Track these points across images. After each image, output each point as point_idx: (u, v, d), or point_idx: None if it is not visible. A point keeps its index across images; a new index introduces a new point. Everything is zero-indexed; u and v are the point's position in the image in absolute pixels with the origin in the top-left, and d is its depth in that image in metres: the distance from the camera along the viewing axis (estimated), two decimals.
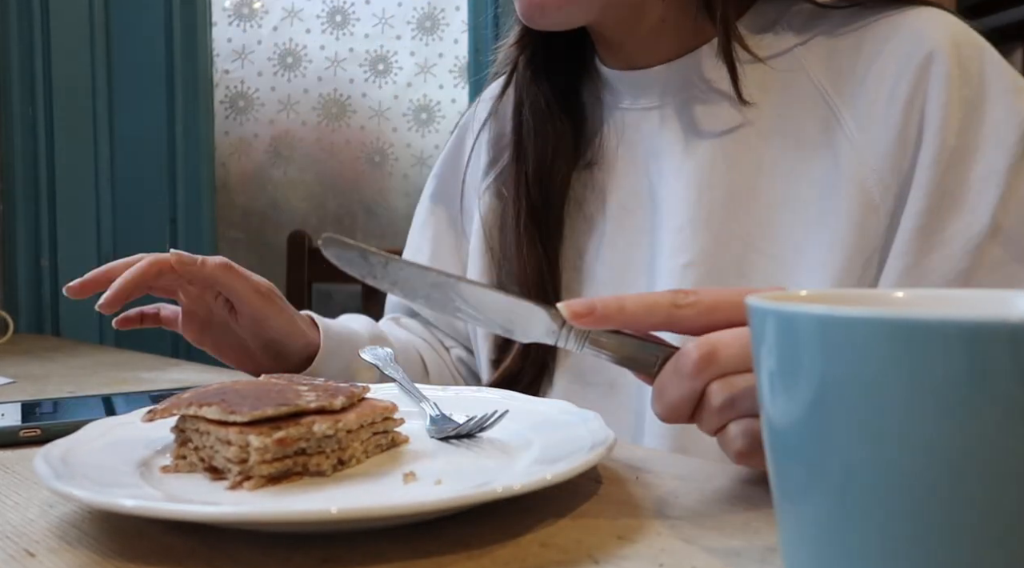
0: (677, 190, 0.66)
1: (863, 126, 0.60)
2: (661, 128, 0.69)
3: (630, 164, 0.70)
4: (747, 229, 0.63)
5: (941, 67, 0.58)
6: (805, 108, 0.63)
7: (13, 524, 0.38)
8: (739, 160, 0.64)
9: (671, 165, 0.67)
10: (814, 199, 0.61)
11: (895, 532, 0.23)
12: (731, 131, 0.65)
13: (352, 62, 1.81)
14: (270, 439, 0.38)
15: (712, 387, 0.38)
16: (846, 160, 0.60)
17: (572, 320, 0.40)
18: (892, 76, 0.59)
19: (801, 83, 0.63)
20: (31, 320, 1.57)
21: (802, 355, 0.25)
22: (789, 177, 0.62)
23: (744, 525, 0.36)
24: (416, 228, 0.87)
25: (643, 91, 0.70)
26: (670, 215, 0.66)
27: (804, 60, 0.64)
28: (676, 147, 0.67)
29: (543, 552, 0.33)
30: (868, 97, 0.60)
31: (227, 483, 0.39)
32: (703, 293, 0.40)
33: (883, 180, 0.58)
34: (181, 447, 0.42)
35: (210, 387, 0.44)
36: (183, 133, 1.67)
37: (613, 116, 0.72)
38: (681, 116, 0.68)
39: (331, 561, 0.33)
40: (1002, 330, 0.22)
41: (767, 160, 0.63)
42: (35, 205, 1.56)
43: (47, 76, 1.55)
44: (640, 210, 0.69)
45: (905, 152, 0.58)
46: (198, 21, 1.68)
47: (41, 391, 0.76)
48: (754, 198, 0.63)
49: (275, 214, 1.77)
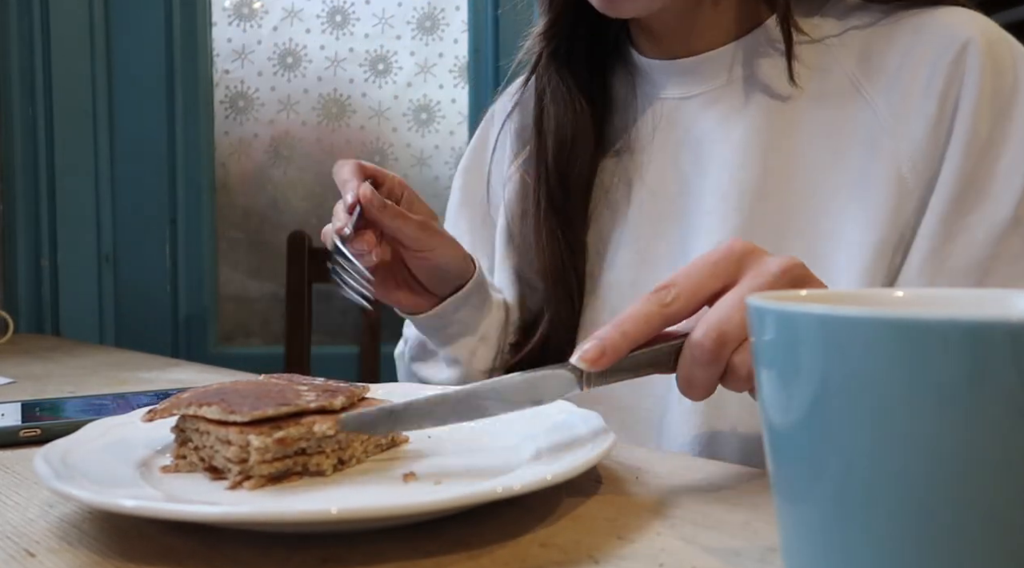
0: (713, 174, 0.67)
1: (898, 116, 0.61)
2: (699, 115, 0.70)
3: (662, 151, 0.71)
4: (780, 214, 0.64)
5: (975, 59, 0.59)
6: (839, 96, 0.64)
7: (13, 524, 0.38)
8: (774, 145, 0.65)
9: (708, 151, 0.68)
10: (847, 184, 0.62)
11: (895, 532, 0.23)
12: (770, 119, 0.66)
13: (352, 62, 1.81)
14: (270, 439, 0.38)
15: (735, 360, 0.41)
16: (881, 147, 0.61)
17: (590, 367, 0.41)
18: (927, 67, 0.61)
19: (834, 73, 0.65)
20: (31, 320, 1.57)
21: (802, 355, 0.25)
22: (823, 162, 0.64)
23: (744, 525, 0.36)
24: (449, 222, 0.87)
25: (684, 79, 0.71)
26: (704, 198, 0.67)
27: (837, 52, 0.65)
28: (713, 134, 0.68)
29: (543, 552, 0.33)
30: (903, 88, 0.62)
31: (227, 483, 0.39)
32: (679, 282, 0.42)
33: (916, 166, 0.60)
34: (181, 447, 0.42)
35: (210, 387, 0.44)
36: (183, 133, 1.67)
37: (651, 105, 0.73)
38: (720, 103, 0.69)
39: (331, 561, 0.33)
40: (1002, 330, 0.22)
41: (802, 145, 0.65)
42: (35, 205, 1.57)
43: (47, 76, 1.56)
44: (668, 196, 0.70)
45: (939, 140, 0.60)
46: (198, 21, 1.68)
47: (41, 391, 0.76)
48: (789, 183, 0.64)
49: (275, 214, 1.77)
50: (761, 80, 0.67)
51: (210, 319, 1.71)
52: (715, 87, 0.70)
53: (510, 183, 0.79)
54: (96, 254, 1.62)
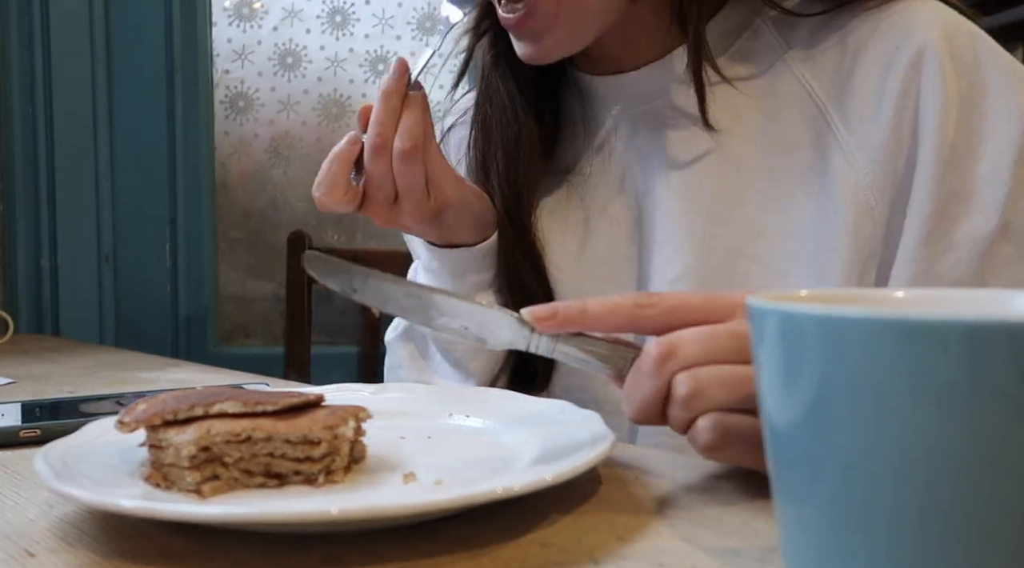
0: (662, 203, 0.64)
1: (852, 126, 0.58)
2: (642, 132, 0.66)
3: (611, 174, 0.68)
4: (735, 237, 0.61)
5: (933, 60, 0.55)
6: (793, 110, 0.61)
7: (13, 524, 0.38)
8: (723, 166, 0.62)
9: (654, 174, 0.65)
10: (806, 204, 0.59)
11: (895, 532, 0.23)
12: (716, 137, 0.62)
13: (352, 62, 1.81)
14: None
15: (676, 380, 0.38)
16: (837, 162, 0.58)
17: (536, 324, 0.41)
18: (880, 71, 0.57)
19: (789, 83, 0.61)
20: (31, 320, 1.57)
21: (802, 355, 0.25)
22: (778, 182, 0.60)
23: (744, 525, 0.36)
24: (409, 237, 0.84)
25: (625, 96, 0.68)
26: (656, 229, 0.64)
27: (789, 59, 0.61)
28: (659, 156, 0.65)
29: (543, 552, 0.33)
30: (856, 94, 0.58)
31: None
32: (666, 295, 0.41)
33: (876, 181, 0.57)
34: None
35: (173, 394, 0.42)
36: (183, 133, 1.67)
37: (596, 123, 0.70)
38: (664, 122, 0.65)
39: (331, 561, 0.33)
40: (1002, 330, 0.22)
41: (754, 165, 0.61)
42: (35, 205, 1.57)
43: (47, 76, 1.56)
44: (622, 221, 0.67)
45: (900, 151, 0.56)
46: (198, 21, 1.68)
47: (41, 391, 0.76)
48: (741, 205, 0.61)
49: (275, 214, 1.77)
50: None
51: (210, 319, 1.71)
52: (654, 105, 0.65)
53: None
54: (96, 254, 1.61)
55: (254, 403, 0.39)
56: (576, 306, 0.41)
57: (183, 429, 0.38)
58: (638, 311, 0.40)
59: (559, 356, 0.42)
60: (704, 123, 0.62)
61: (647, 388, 0.39)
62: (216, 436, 0.37)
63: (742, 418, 0.37)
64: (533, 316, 0.41)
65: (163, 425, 0.38)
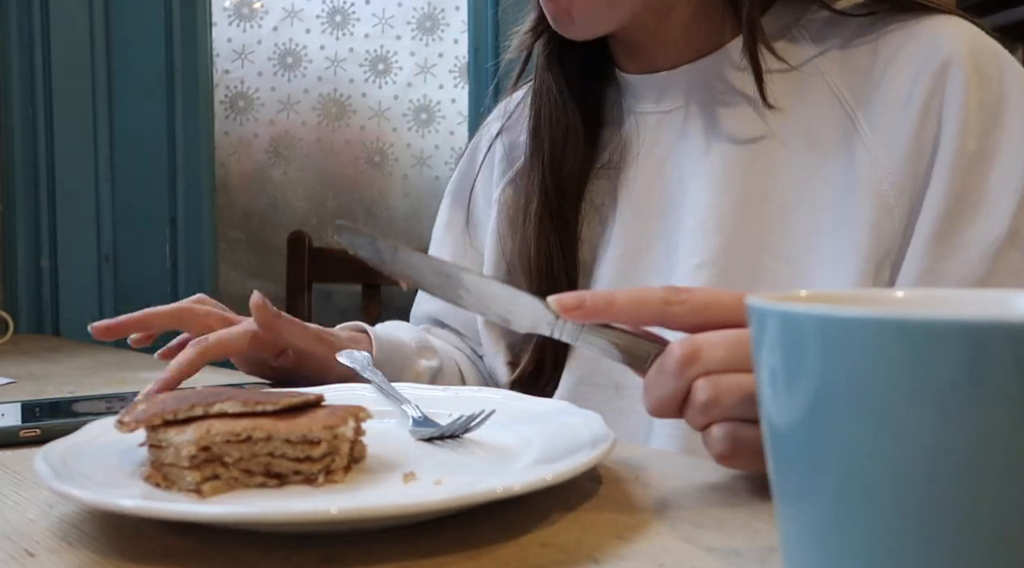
0: (694, 192, 0.66)
1: (878, 129, 0.60)
2: (682, 131, 0.69)
3: (646, 168, 0.70)
4: (761, 232, 0.63)
5: (959, 72, 0.58)
6: (823, 113, 0.63)
7: (13, 524, 0.38)
8: (756, 163, 0.64)
9: (690, 168, 0.67)
10: (830, 203, 0.61)
11: (895, 532, 0.23)
12: (750, 134, 0.65)
13: (352, 62, 1.81)
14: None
15: (696, 385, 0.38)
16: (861, 163, 0.60)
17: (562, 313, 0.41)
18: (908, 80, 0.60)
19: (819, 88, 0.64)
20: (31, 320, 1.56)
21: (802, 355, 0.25)
22: (805, 181, 0.63)
23: (744, 525, 0.36)
24: (435, 244, 0.87)
25: (663, 94, 0.70)
26: (686, 216, 0.66)
27: (822, 65, 0.64)
28: (696, 149, 0.67)
29: (543, 552, 0.33)
30: (883, 100, 0.60)
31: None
32: (696, 291, 0.40)
33: (898, 183, 0.59)
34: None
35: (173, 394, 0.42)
36: (183, 133, 1.66)
37: (633, 121, 0.72)
38: (702, 118, 0.68)
39: (331, 561, 0.33)
40: (1002, 330, 0.22)
41: (784, 164, 0.64)
42: (35, 205, 1.56)
43: (47, 76, 1.55)
44: (652, 213, 0.69)
45: (921, 156, 0.58)
46: (198, 21, 1.67)
47: (41, 391, 0.76)
48: (769, 201, 0.63)
49: (275, 214, 1.77)
50: (741, 95, 0.66)
51: None
52: (696, 102, 0.68)
53: (497, 205, 0.78)
54: (96, 254, 1.61)
55: (254, 403, 0.39)
56: (604, 297, 0.40)
57: (183, 429, 0.38)
58: (667, 307, 0.40)
59: (582, 344, 0.42)
60: (764, 103, 0.63)
61: (667, 388, 0.39)
62: (216, 436, 0.37)
63: (756, 429, 0.37)
64: (560, 305, 0.41)
65: (163, 425, 0.38)
